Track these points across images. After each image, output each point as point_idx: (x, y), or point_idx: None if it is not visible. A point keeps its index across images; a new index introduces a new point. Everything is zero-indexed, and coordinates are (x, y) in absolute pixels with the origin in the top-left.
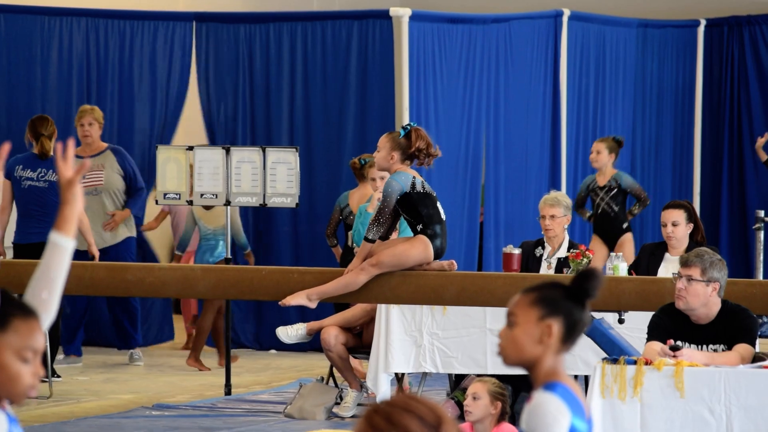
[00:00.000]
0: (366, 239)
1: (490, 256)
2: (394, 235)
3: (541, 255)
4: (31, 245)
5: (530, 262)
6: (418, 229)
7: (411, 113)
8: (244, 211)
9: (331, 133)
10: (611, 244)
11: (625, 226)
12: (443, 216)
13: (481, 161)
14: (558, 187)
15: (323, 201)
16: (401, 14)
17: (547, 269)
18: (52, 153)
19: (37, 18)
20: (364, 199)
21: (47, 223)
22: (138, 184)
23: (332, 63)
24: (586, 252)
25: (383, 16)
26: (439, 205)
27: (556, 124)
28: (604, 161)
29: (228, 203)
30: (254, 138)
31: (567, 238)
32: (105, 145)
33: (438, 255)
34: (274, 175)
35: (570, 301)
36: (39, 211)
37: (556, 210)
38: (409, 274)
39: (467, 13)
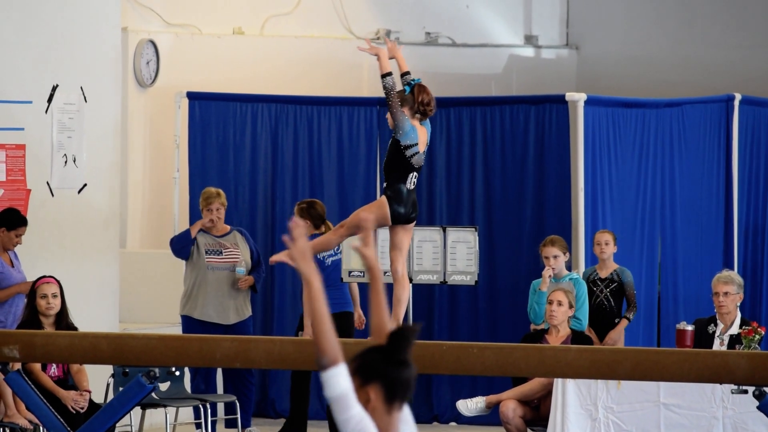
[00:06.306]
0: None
1: (667, 332)
2: None
3: (714, 332)
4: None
5: (703, 338)
6: (383, 186)
7: (586, 194)
8: (427, 288)
9: (509, 213)
10: (602, 337)
11: (617, 321)
12: (410, 186)
13: (656, 241)
14: (730, 267)
15: (503, 279)
16: (577, 99)
17: (719, 345)
18: None
19: (230, 104)
20: None
21: (328, 295)
22: (261, 260)
23: (510, 145)
24: (758, 329)
25: (559, 101)
26: (411, 176)
27: (729, 205)
28: (611, 252)
29: (410, 281)
30: (434, 217)
31: (739, 315)
32: (228, 226)
33: (396, 219)
34: (454, 254)
35: (387, 364)
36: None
37: (730, 287)
38: (585, 349)
39: (640, 97)
